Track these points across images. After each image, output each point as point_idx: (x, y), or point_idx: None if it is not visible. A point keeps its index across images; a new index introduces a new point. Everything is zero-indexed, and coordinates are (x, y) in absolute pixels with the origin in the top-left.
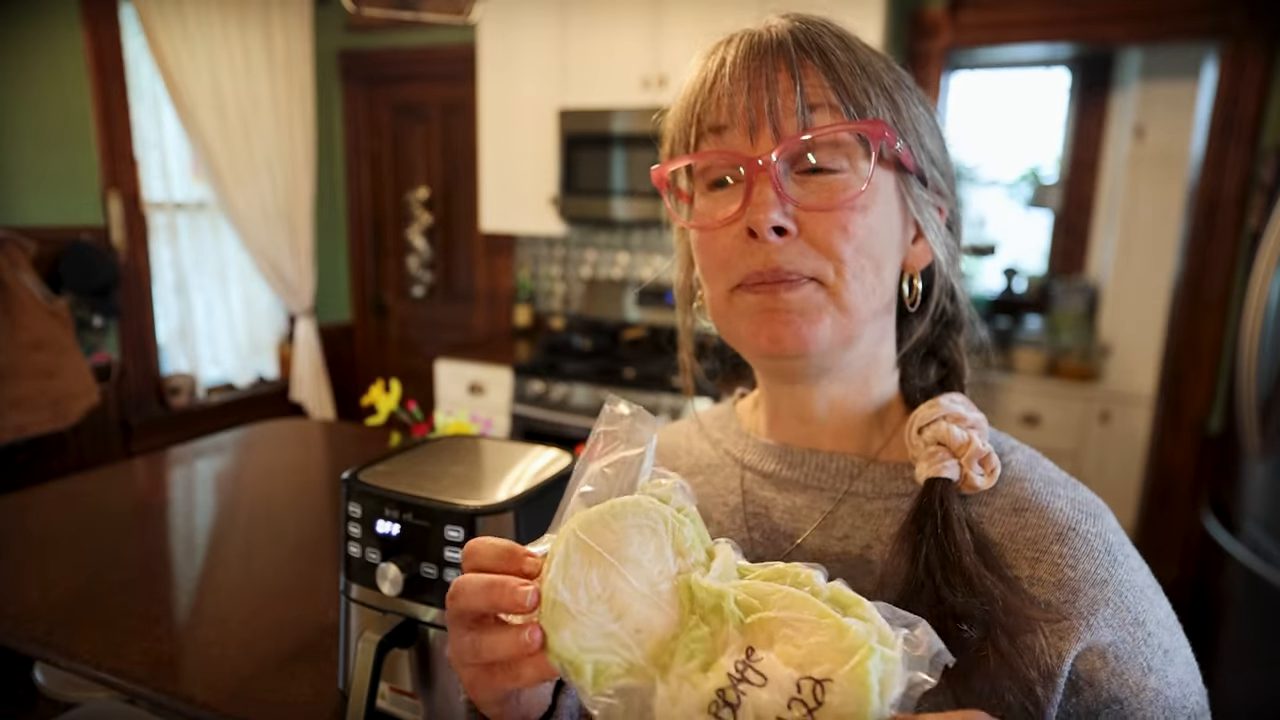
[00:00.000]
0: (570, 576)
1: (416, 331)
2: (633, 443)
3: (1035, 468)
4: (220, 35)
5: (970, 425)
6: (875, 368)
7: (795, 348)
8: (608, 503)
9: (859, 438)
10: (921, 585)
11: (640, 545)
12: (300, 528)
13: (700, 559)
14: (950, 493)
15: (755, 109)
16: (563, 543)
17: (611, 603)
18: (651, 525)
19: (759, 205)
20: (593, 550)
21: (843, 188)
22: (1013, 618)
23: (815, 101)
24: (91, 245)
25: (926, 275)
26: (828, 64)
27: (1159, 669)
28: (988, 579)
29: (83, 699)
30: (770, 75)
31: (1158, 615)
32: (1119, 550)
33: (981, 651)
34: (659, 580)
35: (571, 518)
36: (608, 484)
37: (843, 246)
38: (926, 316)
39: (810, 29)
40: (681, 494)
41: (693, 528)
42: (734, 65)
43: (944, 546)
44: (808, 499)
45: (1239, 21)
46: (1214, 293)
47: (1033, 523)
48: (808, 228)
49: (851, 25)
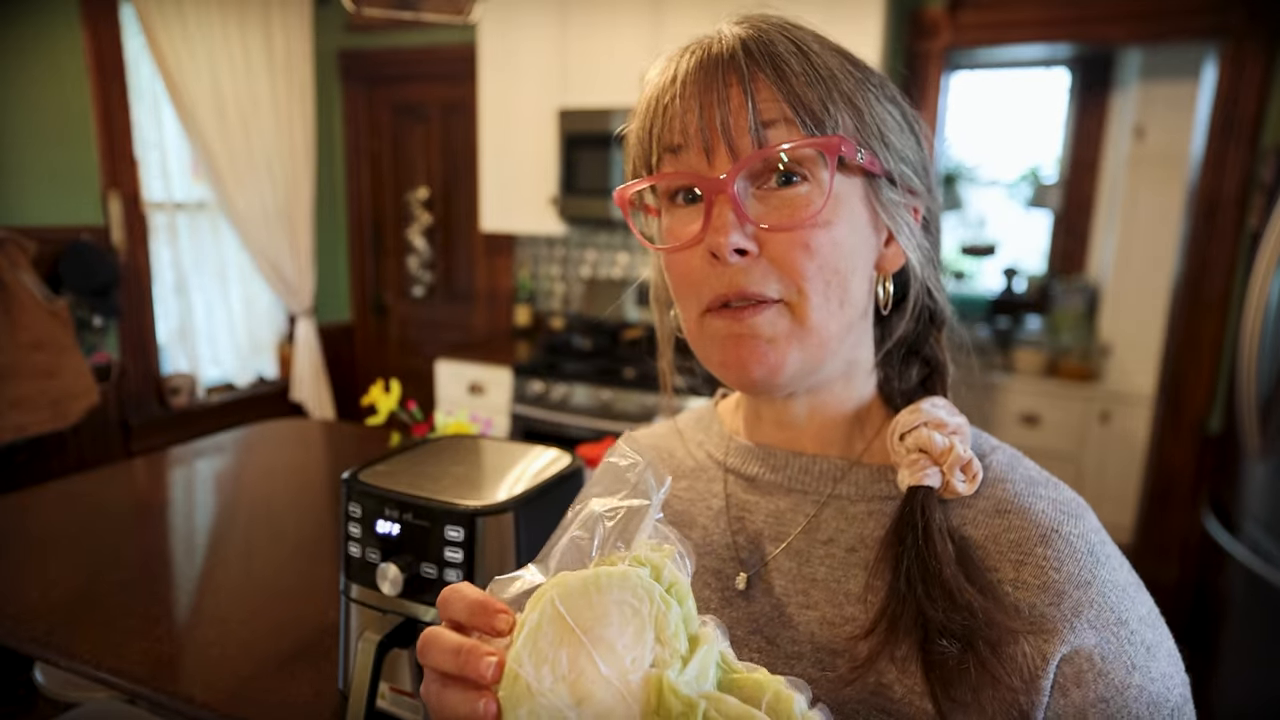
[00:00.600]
0: (538, 650)
1: (416, 331)
2: (638, 492)
3: (1016, 468)
4: (220, 35)
5: (952, 431)
6: (853, 371)
7: (764, 378)
8: (594, 571)
9: (841, 441)
10: (904, 598)
11: (619, 626)
12: (300, 528)
13: (681, 649)
14: (932, 502)
15: (708, 129)
16: (538, 610)
17: (574, 686)
18: (635, 605)
19: (719, 228)
20: (566, 626)
21: (804, 204)
22: (994, 629)
23: (770, 117)
24: (91, 245)
25: (902, 276)
26: (780, 75)
27: (1142, 665)
28: (968, 591)
29: (83, 699)
30: (721, 92)
31: (1140, 612)
32: (1101, 550)
33: (963, 664)
34: (630, 670)
35: (552, 579)
36: (604, 533)
37: (805, 265)
38: (905, 316)
39: (763, 36)
40: (676, 563)
41: (679, 611)
42: (684, 83)
43: (925, 559)
44: (791, 502)
45: (1239, 21)
46: (1214, 293)
47: (1016, 525)
48: (769, 247)
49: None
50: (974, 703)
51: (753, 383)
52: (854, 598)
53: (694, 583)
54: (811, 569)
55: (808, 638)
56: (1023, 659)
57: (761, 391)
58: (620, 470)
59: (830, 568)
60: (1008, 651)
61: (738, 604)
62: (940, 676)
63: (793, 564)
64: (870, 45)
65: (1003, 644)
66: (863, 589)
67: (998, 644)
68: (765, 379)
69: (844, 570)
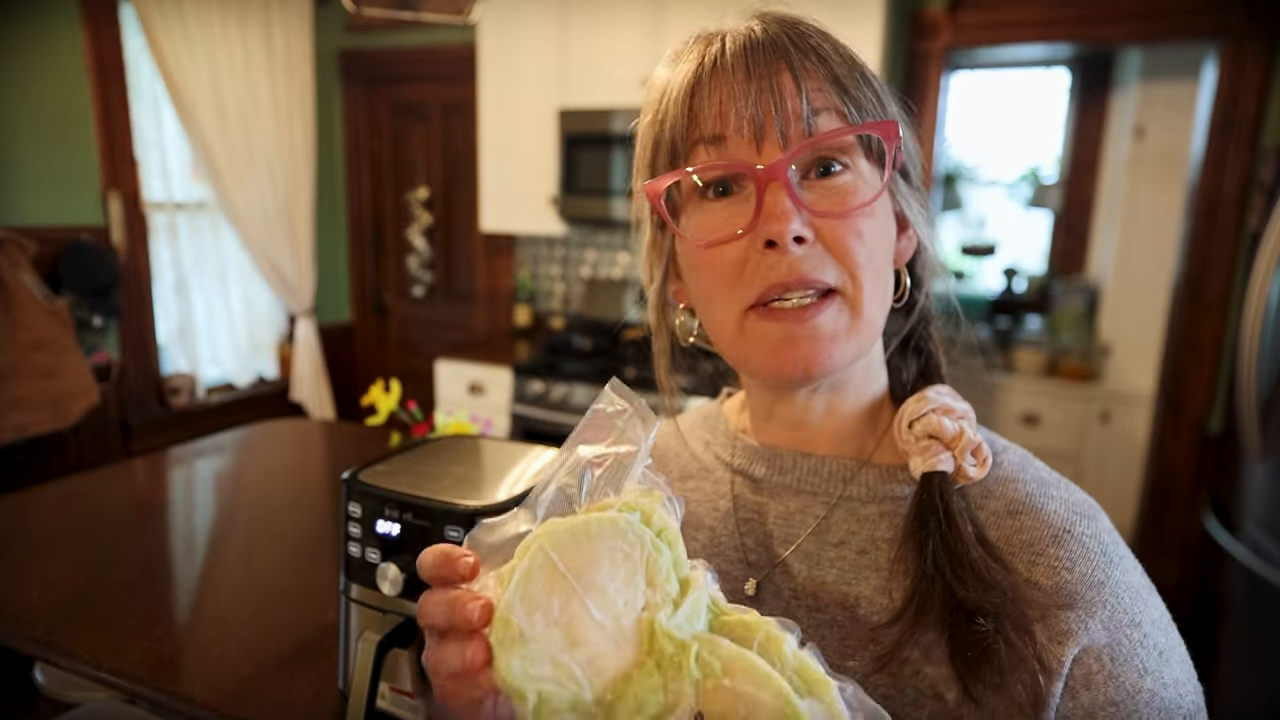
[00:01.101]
0: (529, 596)
1: (416, 331)
2: (626, 438)
3: (1027, 468)
4: (220, 35)
5: (960, 416)
6: (871, 365)
7: (821, 371)
8: (584, 517)
9: (852, 441)
10: (932, 581)
11: (610, 571)
12: (300, 528)
13: (672, 593)
14: (949, 486)
15: (763, 114)
16: (528, 557)
17: (568, 630)
18: (626, 550)
19: (778, 215)
20: (558, 572)
21: (852, 192)
22: (1021, 607)
23: (820, 104)
24: (91, 245)
25: (912, 269)
26: (825, 63)
27: (1154, 670)
28: (996, 571)
29: (83, 699)
30: (773, 78)
31: (1153, 615)
32: (1114, 551)
33: (993, 644)
34: (623, 613)
35: (541, 527)
36: (592, 480)
37: (858, 251)
38: (916, 309)
39: (798, 27)
40: (666, 508)
41: (670, 554)
42: (730, 68)
43: (950, 541)
44: (801, 503)
45: (1239, 21)
46: (1214, 293)
47: (1028, 525)
48: (823, 234)
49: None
50: (1001, 685)
51: (809, 375)
52: (866, 600)
53: None
54: (822, 572)
55: (818, 641)
56: (1041, 638)
57: (805, 384)
58: (608, 417)
59: (841, 570)
60: (1032, 632)
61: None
62: (970, 659)
63: (803, 566)
64: (870, 45)
65: (1029, 622)
66: (875, 591)
67: (1024, 623)
68: (821, 375)
69: (855, 573)
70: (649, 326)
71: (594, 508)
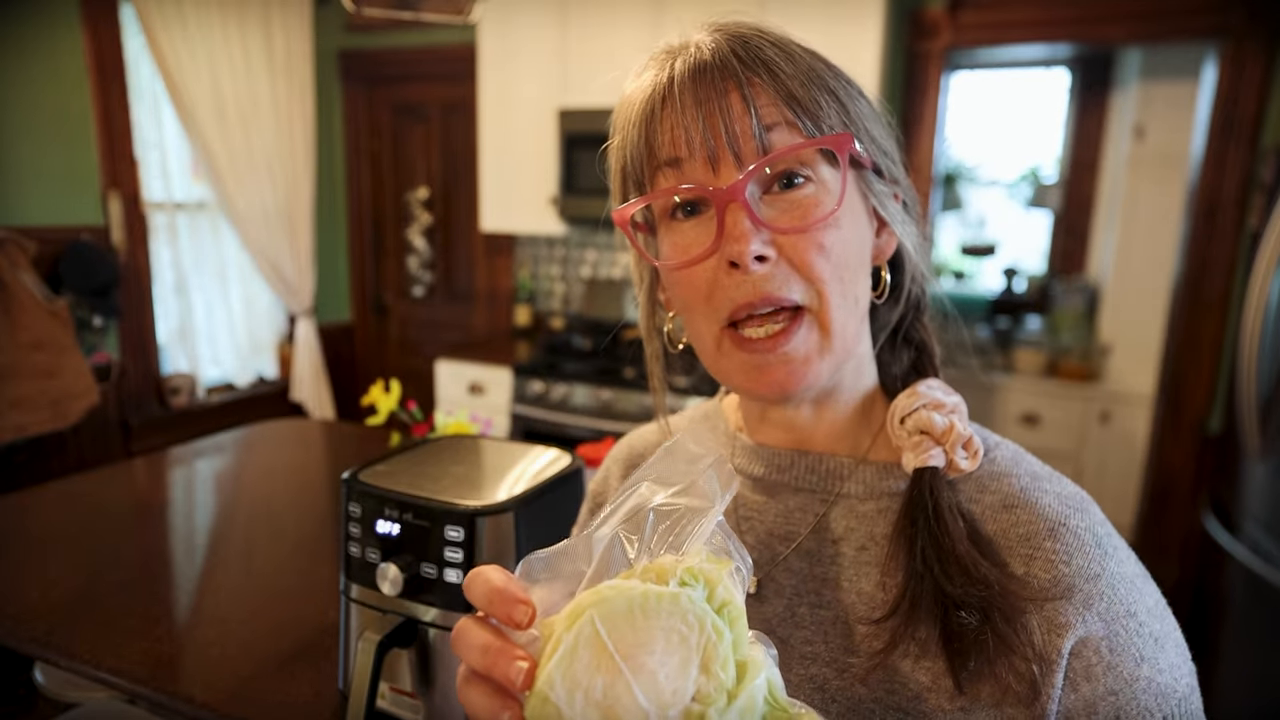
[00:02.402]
0: (572, 674)
1: (416, 331)
2: (698, 490)
3: (1020, 463)
4: (220, 35)
5: (950, 410)
6: (859, 366)
7: (797, 393)
8: (642, 590)
9: (848, 438)
10: (921, 577)
11: (663, 655)
12: (300, 528)
13: (727, 683)
14: (939, 482)
15: (713, 138)
16: (575, 628)
17: (608, 714)
18: (683, 633)
19: (737, 236)
20: (606, 651)
21: (814, 205)
22: (1009, 600)
23: (771, 121)
24: (91, 245)
25: (894, 263)
26: (775, 77)
27: (1150, 657)
28: (983, 565)
29: (83, 699)
30: (721, 100)
31: (1147, 603)
32: (1108, 543)
33: (981, 635)
34: (671, 702)
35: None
36: (651, 531)
37: (822, 266)
38: (899, 303)
39: (749, 42)
40: (733, 579)
41: (730, 638)
42: (678, 93)
43: (938, 537)
44: (799, 502)
45: (1239, 21)
46: (1214, 293)
47: (1024, 519)
48: (785, 250)
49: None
50: (990, 674)
51: (784, 396)
52: (866, 596)
53: None
54: (822, 569)
55: (821, 638)
56: (1034, 633)
57: (785, 403)
58: (690, 456)
59: (841, 567)
60: (1022, 622)
61: (749, 605)
62: (959, 650)
63: (803, 564)
64: (870, 45)
65: (1017, 614)
66: (874, 586)
67: (1012, 616)
68: (798, 394)
69: (855, 569)
70: (641, 332)
71: (652, 569)
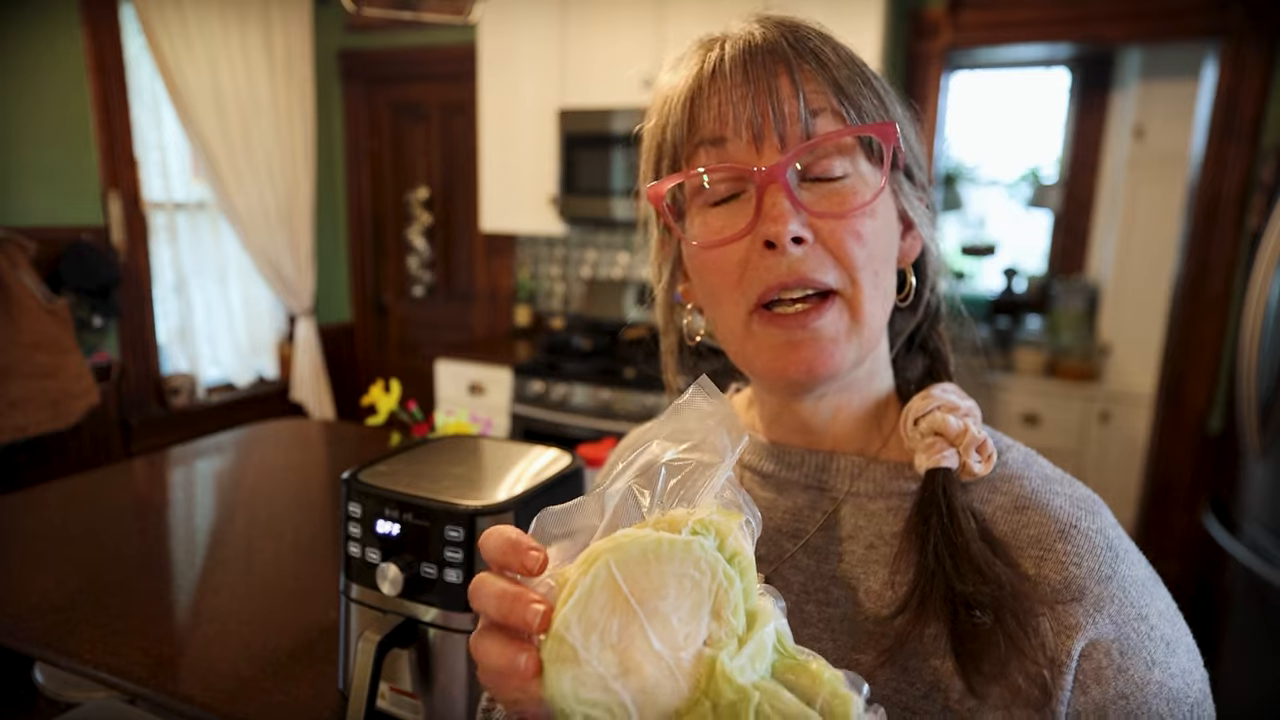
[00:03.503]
0: (588, 616)
1: (416, 331)
2: (709, 446)
3: (1032, 465)
4: (220, 35)
5: (964, 413)
6: (876, 366)
7: (824, 373)
8: (655, 537)
9: (859, 438)
10: (933, 574)
11: (676, 599)
12: (300, 528)
13: (738, 628)
14: (952, 482)
15: (760, 117)
16: (590, 572)
17: (624, 656)
18: (695, 578)
19: (776, 216)
20: (620, 594)
21: (852, 193)
22: (1021, 601)
23: (818, 106)
24: (91, 245)
25: (917, 268)
26: (823, 65)
27: (1162, 661)
28: (995, 565)
29: (83, 699)
30: (771, 81)
31: (1159, 607)
32: (1119, 546)
33: (993, 636)
34: (684, 645)
35: (609, 540)
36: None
37: (857, 253)
38: (920, 308)
39: (798, 31)
40: (742, 531)
41: (740, 584)
42: (729, 73)
43: (951, 536)
44: (809, 499)
45: (1239, 21)
46: (1214, 292)
47: (1034, 520)
48: (822, 235)
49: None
50: (1002, 675)
51: (813, 382)
52: (874, 594)
53: None
54: (830, 566)
55: (828, 635)
56: (1046, 635)
57: (810, 389)
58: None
59: (850, 564)
60: (1034, 624)
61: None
62: (970, 650)
63: (811, 561)
64: (870, 45)
65: (1030, 616)
66: (882, 585)
67: (1025, 617)
68: (825, 377)
69: (863, 567)
70: (658, 325)
71: (664, 521)
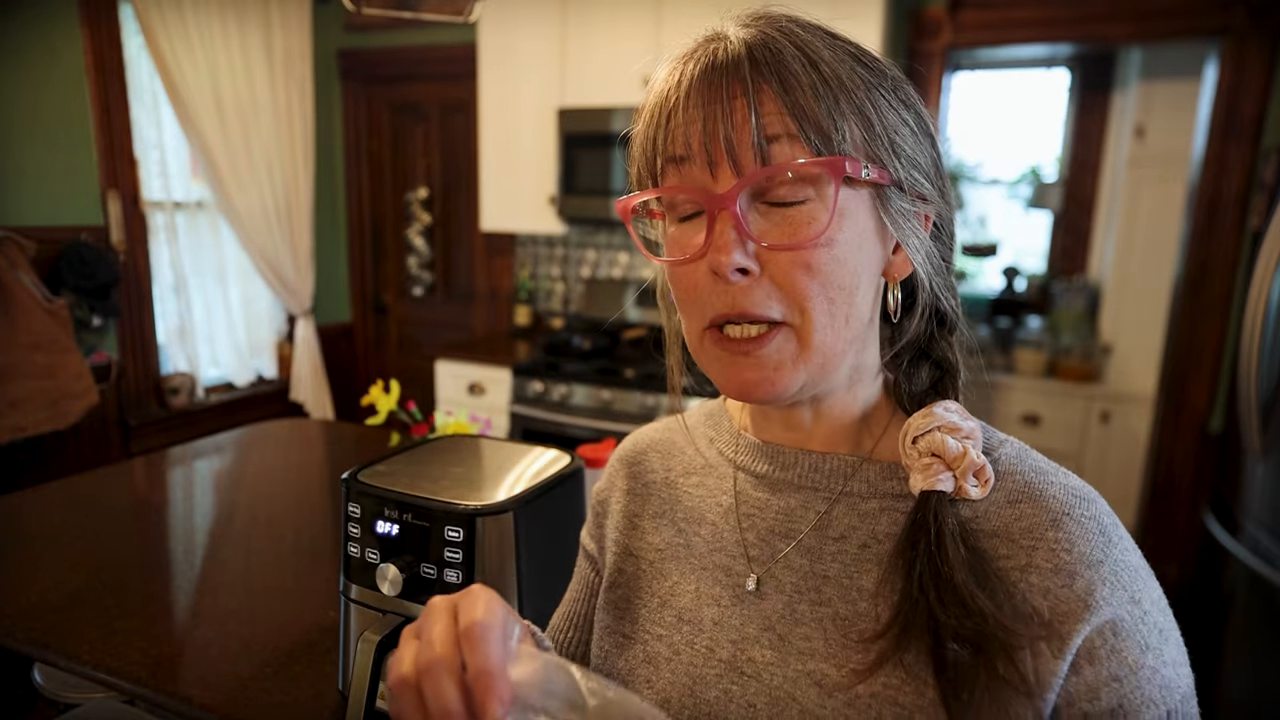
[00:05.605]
0: None
1: (416, 331)
2: None
3: (1025, 459)
4: (220, 35)
5: (965, 436)
6: (859, 376)
7: (768, 399)
8: None
9: (849, 439)
10: (916, 603)
11: None
12: (300, 528)
13: None
14: (944, 507)
15: (711, 142)
16: None
17: None
18: None
19: (721, 246)
20: None
21: (806, 222)
22: (1005, 635)
23: (774, 132)
24: (91, 245)
25: (911, 280)
26: (786, 87)
27: (1156, 647)
28: (979, 598)
29: (82, 699)
30: (725, 104)
31: (1152, 595)
32: (1113, 532)
33: (974, 668)
34: None
35: None
36: None
37: (808, 285)
38: (915, 319)
39: (770, 42)
40: None
41: None
42: (688, 92)
43: (937, 564)
44: (801, 499)
45: (1240, 21)
46: (1215, 292)
47: (1028, 512)
48: (770, 267)
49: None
50: (985, 704)
51: (755, 399)
52: (867, 594)
53: (705, 581)
54: (824, 566)
55: (820, 634)
56: (1034, 663)
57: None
58: None
59: (843, 564)
60: (1019, 656)
61: (749, 601)
62: (952, 680)
63: (804, 561)
64: (870, 45)
65: (1014, 649)
66: (876, 585)
67: (1009, 649)
68: (771, 400)
69: (857, 567)
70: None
71: None
